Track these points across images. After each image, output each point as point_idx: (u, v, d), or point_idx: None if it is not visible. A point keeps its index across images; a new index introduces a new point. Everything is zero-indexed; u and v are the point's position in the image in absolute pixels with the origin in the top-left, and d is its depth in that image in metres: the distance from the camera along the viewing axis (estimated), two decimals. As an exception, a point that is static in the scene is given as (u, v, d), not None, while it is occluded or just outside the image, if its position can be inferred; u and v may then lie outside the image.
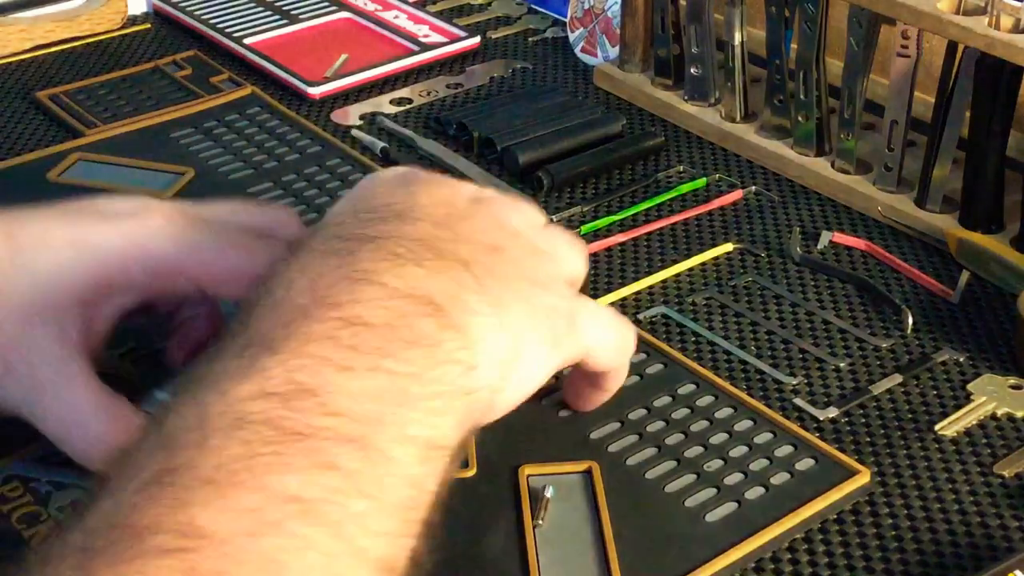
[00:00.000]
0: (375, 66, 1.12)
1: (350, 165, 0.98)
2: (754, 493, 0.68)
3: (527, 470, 0.68)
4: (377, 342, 0.47)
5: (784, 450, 0.71)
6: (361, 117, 1.06)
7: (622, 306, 0.83)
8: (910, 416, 0.74)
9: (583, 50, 1.15)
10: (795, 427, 0.72)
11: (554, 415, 0.73)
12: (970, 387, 0.76)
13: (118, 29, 1.20)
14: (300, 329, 0.46)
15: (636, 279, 0.86)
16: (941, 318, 0.83)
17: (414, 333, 0.48)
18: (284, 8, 1.24)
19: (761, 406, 0.74)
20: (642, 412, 0.73)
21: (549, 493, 0.66)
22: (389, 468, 0.44)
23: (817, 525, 0.67)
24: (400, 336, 0.48)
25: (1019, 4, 0.84)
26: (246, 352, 0.45)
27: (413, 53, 1.15)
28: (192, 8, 1.22)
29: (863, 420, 0.74)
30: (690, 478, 0.69)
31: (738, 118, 1.03)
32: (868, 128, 0.98)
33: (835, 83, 0.96)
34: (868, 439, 0.72)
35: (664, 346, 0.78)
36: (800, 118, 0.97)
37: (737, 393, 0.75)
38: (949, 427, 0.73)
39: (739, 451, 0.71)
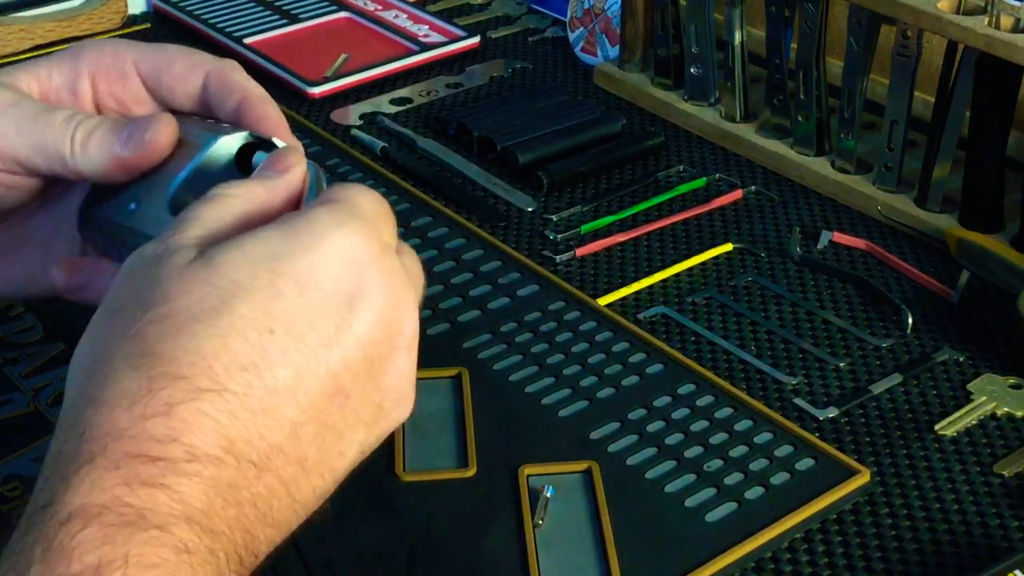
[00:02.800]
0: (375, 66, 1.12)
1: (350, 165, 0.98)
2: (754, 493, 0.68)
3: (527, 470, 0.68)
4: None
5: (784, 450, 0.71)
6: (361, 117, 1.06)
7: (622, 307, 0.83)
8: (910, 416, 0.74)
9: (583, 50, 1.15)
10: (795, 427, 0.72)
11: (554, 415, 0.73)
12: (970, 387, 0.76)
13: (118, 29, 1.20)
14: None
15: (636, 279, 0.86)
16: (941, 318, 0.83)
17: None
18: (284, 8, 1.23)
19: (761, 406, 0.74)
20: (642, 412, 0.73)
21: (549, 493, 0.66)
22: None
23: (817, 525, 0.67)
24: None
25: (1019, 4, 0.84)
26: None
27: (413, 53, 1.15)
28: (192, 8, 1.22)
29: (863, 420, 0.74)
30: (690, 478, 0.69)
31: (738, 118, 1.03)
32: (868, 128, 0.98)
33: (835, 83, 0.96)
34: (868, 439, 0.72)
35: (664, 346, 0.78)
36: (800, 118, 0.97)
37: (737, 393, 0.75)
38: (949, 427, 0.73)
39: (739, 451, 0.71)
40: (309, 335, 0.44)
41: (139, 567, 0.39)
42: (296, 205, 0.50)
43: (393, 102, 1.09)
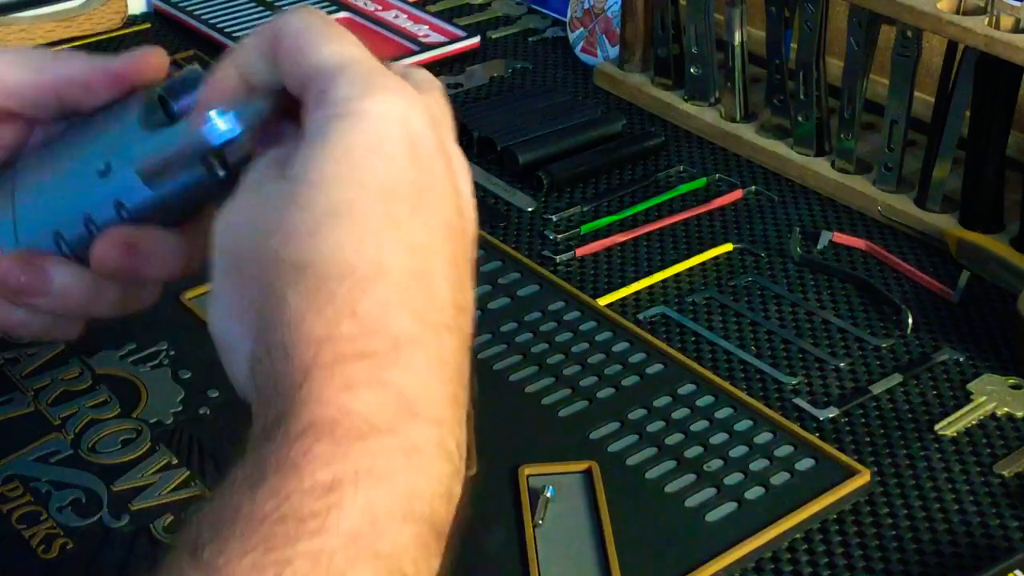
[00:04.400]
0: (375, 66, 1.12)
1: (350, 165, 0.98)
2: (754, 493, 0.68)
3: (527, 470, 0.68)
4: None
5: (784, 450, 0.71)
6: (361, 117, 1.06)
7: (621, 307, 0.83)
8: (910, 416, 0.74)
9: (583, 50, 1.15)
10: (795, 427, 0.72)
11: (554, 415, 0.73)
12: (970, 387, 0.76)
13: (118, 29, 1.20)
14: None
15: (636, 279, 0.86)
16: (941, 318, 0.83)
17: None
18: (284, 8, 1.23)
19: (761, 406, 0.74)
20: (642, 412, 0.73)
21: (549, 493, 0.66)
22: None
23: (817, 525, 0.67)
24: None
25: (1019, 4, 0.84)
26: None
27: (413, 53, 1.15)
28: (192, 8, 1.22)
29: (863, 420, 0.74)
30: (690, 478, 0.69)
31: (738, 118, 1.03)
32: (868, 128, 0.98)
33: (835, 83, 0.96)
34: (868, 439, 0.72)
35: (664, 346, 0.78)
36: (800, 118, 0.97)
37: (737, 393, 0.75)
38: (949, 427, 0.73)
39: (739, 451, 0.71)
40: (417, 203, 0.45)
41: (370, 480, 0.40)
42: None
43: (393, 102, 1.08)
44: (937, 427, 0.73)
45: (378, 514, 0.40)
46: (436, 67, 1.14)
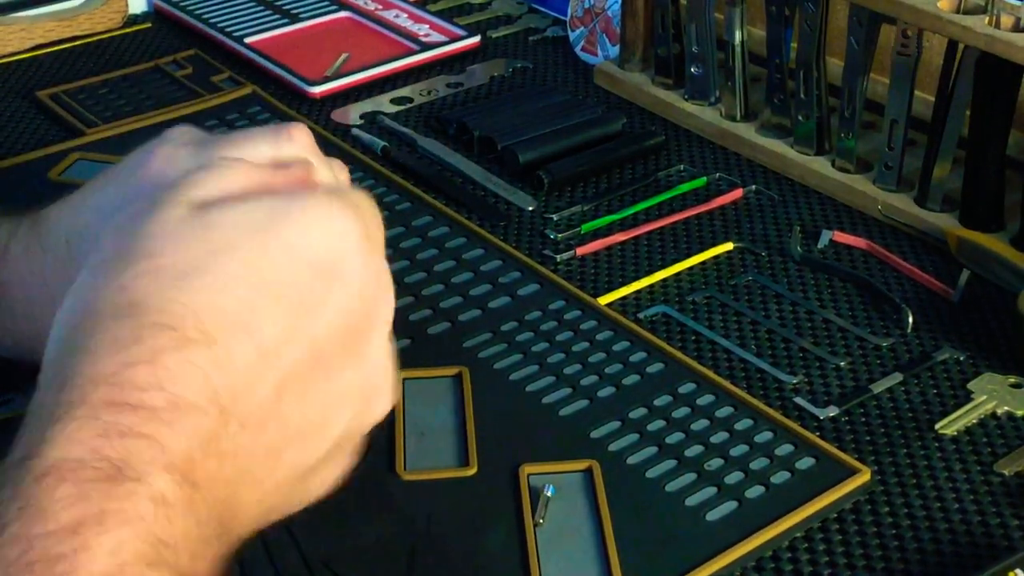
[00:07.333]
0: (375, 65, 1.12)
1: (351, 164, 0.98)
2: (754, 492, 0.68)
3: (527, 470, 0.68)
4: None
5: (784, 449, 0.71)
6: (361, 116, 1.06)
7: (622, 306, 0.83)
8: (910, 415, 0.74)
9: (583, 49, 1.15)
10: (795, 426, 0.72)
11: (554, 414, 0.73)
12: (970, 386, 0.76)
13: (118, 28, 1.20)
14: None
15: (636, 279, 0.86)
16: (941, 317, 0.83)
17: None
18: (284, 7, 1.23)
19: (761, 405, 0.74)
20: (642, 411, 0.73)
21: (549, 492, 0.66)
22: None
23: (817, 524, 0.67)
24: None
25: (1019, 3, 0.84)
26: None
27: (413, 52, 1.15)
28: (192, 7, 1.22)
29: (863, 419, 0.74)
30: (690, 477, 0.69)
31: (738, 117, 1.03)
32: (868, 127, 0.98)
33: (835, 82, 0.96)
34: (868, 438, 0.72)
35: (664, 345, 0.79)
36: (800, 117, 0.98)
37: (737, 392, 0.75)
38: (949, 426, 0.73)
39: (739, 450, 0.71)
40: (295, 299, 0.44)
41: (116, 525, 0.38)
42: None
43: (394, 101, 1.09)
44: (937, 426, 0.73)
45: (125, 558, 0.38)
46: (436, 67, 1.14)
